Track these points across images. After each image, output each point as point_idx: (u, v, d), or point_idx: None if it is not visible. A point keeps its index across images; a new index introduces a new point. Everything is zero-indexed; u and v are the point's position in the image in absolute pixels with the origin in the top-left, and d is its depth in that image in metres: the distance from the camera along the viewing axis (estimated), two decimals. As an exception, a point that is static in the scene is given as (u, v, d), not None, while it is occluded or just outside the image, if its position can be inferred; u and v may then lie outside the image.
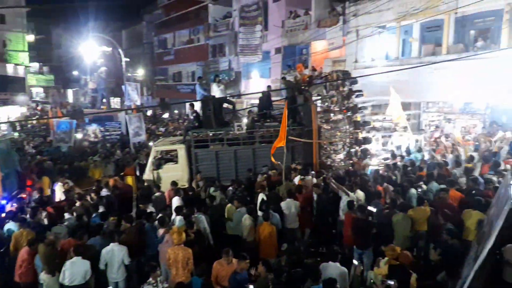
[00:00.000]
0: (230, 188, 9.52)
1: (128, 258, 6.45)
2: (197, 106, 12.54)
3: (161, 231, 7.00)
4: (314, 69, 13.73)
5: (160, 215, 7.53)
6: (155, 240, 7.04)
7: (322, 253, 6.28)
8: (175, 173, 10.86)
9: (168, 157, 11.76)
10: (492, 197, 7.08)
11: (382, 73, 13.75)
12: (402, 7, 16.77)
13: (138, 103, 27.00)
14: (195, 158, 11.09)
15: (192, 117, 11.93)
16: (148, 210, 8.13)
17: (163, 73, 40.14)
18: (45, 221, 8.17)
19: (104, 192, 9.68)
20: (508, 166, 9.53)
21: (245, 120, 13.79)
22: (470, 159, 10.29)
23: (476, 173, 9.45)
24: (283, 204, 7.98)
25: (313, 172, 10.18)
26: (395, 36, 17.88)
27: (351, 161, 11.56)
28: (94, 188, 10.21)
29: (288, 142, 10.38)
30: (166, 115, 33.18)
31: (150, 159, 11.30)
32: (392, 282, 4.92)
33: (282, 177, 9.35)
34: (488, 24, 15.15)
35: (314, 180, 9.35)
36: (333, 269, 5.65)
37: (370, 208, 7.42)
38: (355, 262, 5.74)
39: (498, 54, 13.06)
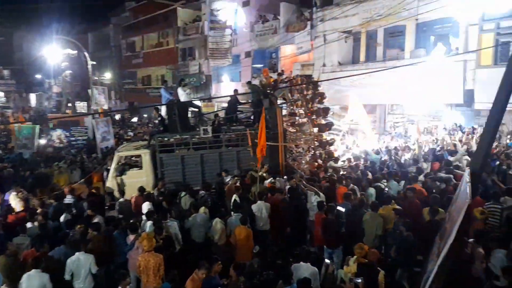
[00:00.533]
0: (202, 192, 9.45)
1: (95, 266, 6.25)
2: (163, 110, 12.35)
3: (131, 237, 6.85)
4: (280, 73, 13.96)
5: (131, 221, 7.37)
6: (124, 247, 6.88)
7: (294, 254, 6.34)
8: (140, 179, 10.55)
9: (132, 163, 11.48)
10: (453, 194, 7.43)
11: (346, 76, 14.18)
12: (366, 13, 17.34)
13: (106, 107, 26.33)
14: (160, 163, 10.86)
15: (156, 122, 11.71)
16: (96, 220, 7.81)
17: (131, 76, 39.32)
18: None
19: (68, 199, 9.33)
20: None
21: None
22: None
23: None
24: (254, 207, 8.01)
25: (285, 177, 10.29)
26: (361, 41, 18.44)
27: (316, 163, 11.80)
28: (55, 194, 9.78)
29: (254, 146, 10.51)
30: (135, 119, 32.49)
31: (113, 165, 10.97)
32: (359, 280, 5.06)
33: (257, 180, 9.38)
34: (446, 30, 15.93)
35: (286, 183, 9.45)
36: (304, 269, 5.74)
37: (339, 208, 7.59)
38: (327, 261, 5.87)
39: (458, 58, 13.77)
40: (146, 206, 8.38)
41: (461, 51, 14.46)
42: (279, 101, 12.64)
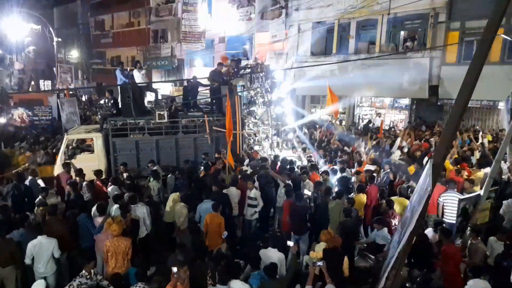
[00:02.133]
0: (170, 175, 9.35)
1: (58, 251, 6.09)
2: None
3: (98, 219, 6.69)
4: (238, 61, 13.81)
5: (98, 203, 7.20)
6: (91, 230, 6.72)
7: (262, 239, 6.46)
8: (91, 163, 10.09)
9: (84, 147, 11.09)
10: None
11: (316, 65, 14.37)
12: (340, 5, 17.51)
13: (72, 86, 25.31)
14: (113, 147, 10.55)
15: (109, 104, 11.32)
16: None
17: (100, 56, 37.87)
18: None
19: (29, 181, 8.95)
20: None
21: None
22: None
23: None
24: (226, 192, 8.03)
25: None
26: (334, 32, 18.64)
27: (273, 152, 11.91)
28: (16, 172, 9.36)
29: (212, 133, 10.46)
30: (103, 101, 31.41)
31: (62, 148, 10.52)
32: (320, 263, 5.24)
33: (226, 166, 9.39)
34: (416, 27, 16.39)
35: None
36: (272, 254, 5.85)
37: (306, 191, 7.82)
38: (289, 243, 6.02)
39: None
40: (113, 190, 8.21)
41: (428, 47, 14.97)
42: (238, 89, 12.64)
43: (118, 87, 11.69)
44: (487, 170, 8.90)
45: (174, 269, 4.88)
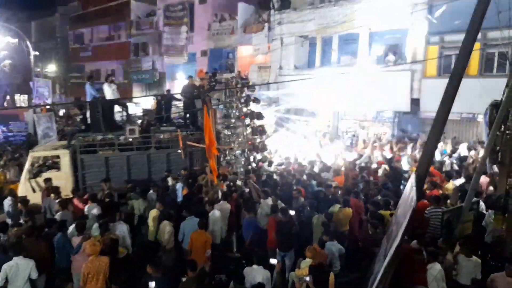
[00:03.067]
0: (151, 192, 9.10)
1: (36, 272, 5.83)
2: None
3: (75, 239, 6.40)
4: (213, 75, 13.77)
5: (77, 221, 6.91)
6: (69, 250, 6.41)
7: (248, 256, 6.30)
8: (58, 181, 9.60)
9: (51, 164, 10.68)
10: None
11: (300, 79, 14.46)
12: (322, 19, 17.78)
13: (49, 101, 24.73)
14: (81, 164, 10.23)
15: (78, 120, 11.00)
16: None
17: (79, 70, 37.17)
18: None
19: (8, 201, 8.54)
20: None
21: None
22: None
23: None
24: (217, 206, 7.83)
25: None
26: (317, 46, 18.87)
27: (249, 167, 11.79)
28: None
29: (186, 148, 10.31)
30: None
31: (26, 166, 10.10)
32: (307, 278, 5.13)
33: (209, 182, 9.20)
34: (396, 41, 16.75)
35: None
36: (257, 272, 5.69)
37: (291, 212, 7.68)
38: (273, 261, 5.88)
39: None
40: (90, 208, 7.91)
41: (408, 61, 15.28)
42: (213, 103, 12.54)
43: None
44: (457, 181, 9.05)
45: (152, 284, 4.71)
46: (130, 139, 10.71)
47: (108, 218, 7.04)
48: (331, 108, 18.27)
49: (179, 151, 10.65)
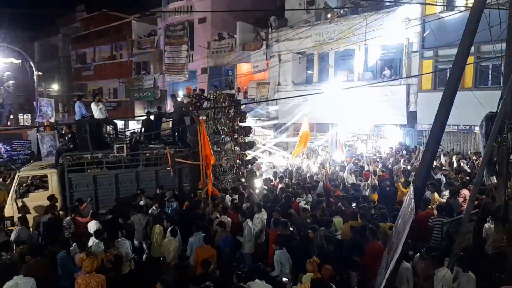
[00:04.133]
0: (154, 208, 9.16)
1: (36, 291, 5.80)
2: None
3: (78, 256, 6.44)
4: (201, 91, 13.98)
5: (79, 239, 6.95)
6: (71, 269, 6.44)
7: (248, 271, 6.32)
8: (46, 201, 9.39)
9: (39, 184, 10.60)
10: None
11: (298, 96, 14.69)
12: (318, 36, 18.13)
13: (53, 120, 24.96)
14: (69, 183, 10.17)
15: (66, 138, 11.03)
16: None
17: (81, 89, 37.65)
18: None
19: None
20: None
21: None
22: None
23: None
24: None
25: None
26: (314, 62, 19.18)
27: (239, 182, 11.82)
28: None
29: (175, 165, 10.33)
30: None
31: (13, 186, 9.97)
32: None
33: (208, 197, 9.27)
34: (392, 56, 17.05)
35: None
36: (259, 286, 5.71)
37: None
38: (284, 279, 5.90)
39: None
40: (93, 225, 7.97)
41: (404, 76, 15.52)
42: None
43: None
44: (445, 192, 9.08)
45: None
46: (119, 157, 10.67)
47: (110, 235, 7.10)
48: (329, 122, 18.45)
49: (168, 168, 10.68)
